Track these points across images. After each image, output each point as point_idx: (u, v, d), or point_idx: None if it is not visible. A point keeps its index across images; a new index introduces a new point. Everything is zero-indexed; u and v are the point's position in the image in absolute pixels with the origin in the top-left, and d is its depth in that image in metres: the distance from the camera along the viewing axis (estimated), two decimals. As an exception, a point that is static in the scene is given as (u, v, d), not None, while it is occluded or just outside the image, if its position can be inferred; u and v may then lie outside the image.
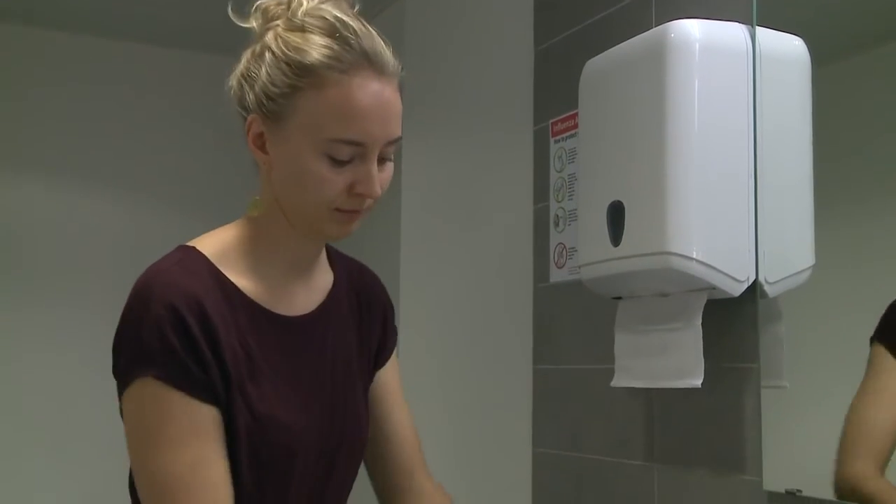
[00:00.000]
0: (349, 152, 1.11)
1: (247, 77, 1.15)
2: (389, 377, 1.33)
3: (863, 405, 1.39)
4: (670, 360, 1.59)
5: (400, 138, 1.15)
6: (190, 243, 1.18)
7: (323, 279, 1.26)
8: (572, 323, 2.05)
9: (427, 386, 2.30)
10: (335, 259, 1.30)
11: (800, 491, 1.45)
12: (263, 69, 1.12)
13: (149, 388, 1.07)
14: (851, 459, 1.39)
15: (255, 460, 1.13)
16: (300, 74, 1.10)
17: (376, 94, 1.11)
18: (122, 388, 1.11)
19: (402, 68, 1.16)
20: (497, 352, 2.30)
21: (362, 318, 1.29)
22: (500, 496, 2.21)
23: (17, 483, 2.85)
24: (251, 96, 1.14)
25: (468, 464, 2.28)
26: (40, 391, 2.92)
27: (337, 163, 1.11)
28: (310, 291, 1.22)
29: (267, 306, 1.17)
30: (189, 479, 1.07)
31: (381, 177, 1.14)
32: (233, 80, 1.18)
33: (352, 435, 1.25)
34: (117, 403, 1.12)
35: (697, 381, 1.53)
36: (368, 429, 1.28)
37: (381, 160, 1.14)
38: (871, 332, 1.38)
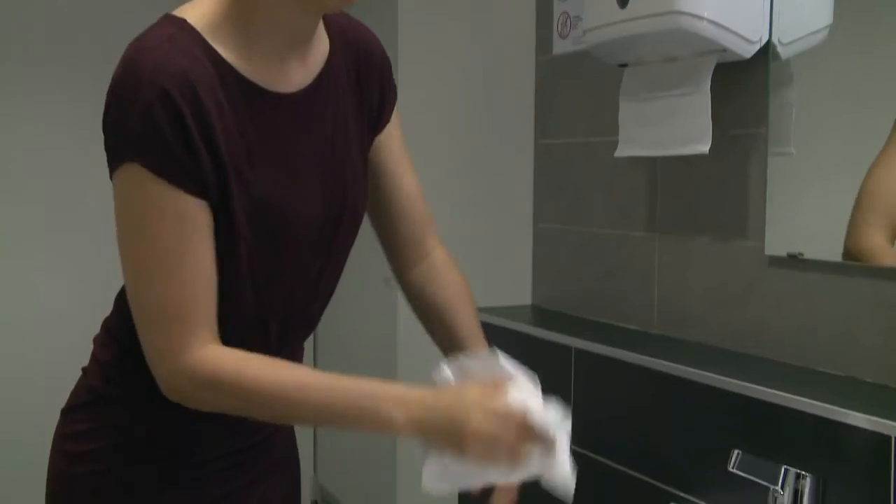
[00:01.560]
0: None
1: None
2: (393, 141, 1.30)
3: (881, 173, 1.36)
4: (677, 127, 1.56)
5: None
6: (178, 13, 1.10)
7: (319, 50, 1.20)
8: (575, 95, 2.01)
9: (426, 163, 2.28)
10: (330, 22, 1.24)
11: (801, 254, 1.46)
12: None
13: (136, 175, 1.04)
14: (863, 227, 1.38)
15: (255, 245, 1.12)
16: None
17: None
18: (111, 167, 1.08)
19: None
20: (498, 127, 2.27)
21: (360, 82, 1.24)
22: (500, 272, 2.24)
23: (14, 266, 2.88)
24: None
25: (469, 241, 2.30)
26: (36, 171, 2.90)
27: None
28: (306, 65, 1.17)
29: (262, 84, 1.12)
30: (172, 267, 1.05)
31: None
32: None
33: (350, 213, 1.23)
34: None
35: (705, 147, 1.51)
36: (366, 204, 1.26)
37: None
38: (888, 98, 1.34)
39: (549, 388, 1.13)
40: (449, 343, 1.27)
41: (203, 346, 1.07)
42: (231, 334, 1.11)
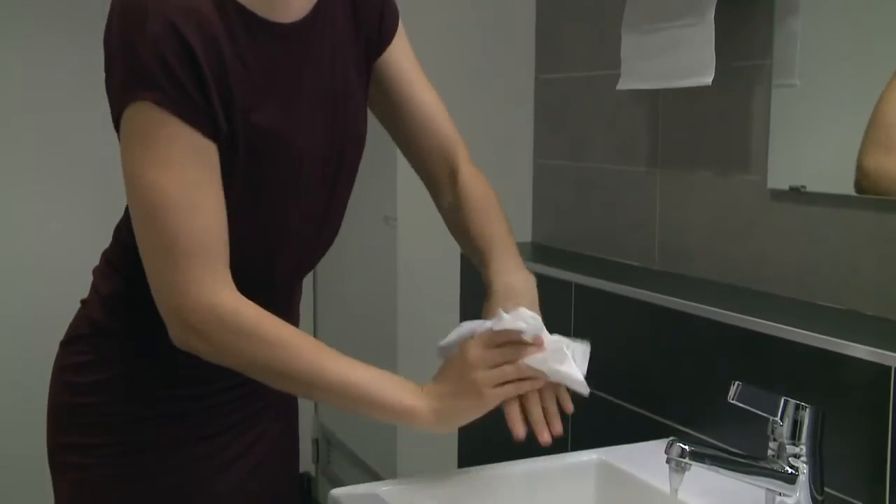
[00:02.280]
0: None
1: None
2: (402, 60, 1.26)
3: (893, 97, 1.33)
4: (680, 59, 1.54)
5: None
6: None
7: None
8: (576, 29, 1.98)
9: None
10: None
11: (804, 187, 1.44)
12: None
13: (147, 113, 1.02)
14: (871, 148, 1.35)
15: (260, 179, 1.10)
16: None
17: None
18: (117, 110, 1.05)
19: None
20: (498, 62, 2.24)
21: (357, 9, 1.21)
22: (500, 208, 2.23)
23: (9, 198, 2.87)
24: None
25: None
26: (31, 104, 2.87)
27: None
28: None
29: (263, 14, 1.09)
30: (180, 200, 1.03)
31: None
32: None
33: (353, 146, 1.21)
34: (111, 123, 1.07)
35: (708, 79, 1.49)
36: (366, 134, 1.25)
37: None
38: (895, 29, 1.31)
39: (550, 324, 1.13)
40: (478, 259, 1.24)
41: (223, 286, 1.05)
42: (234, 273, 1.09)
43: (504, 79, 2.21)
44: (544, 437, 1.09)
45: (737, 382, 1.11)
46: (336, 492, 1.20)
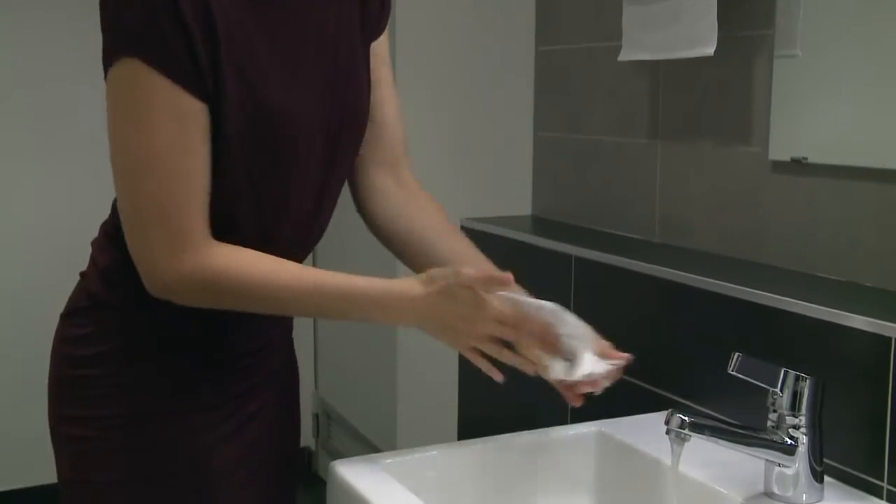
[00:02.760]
0: None
1: None
2: (379, 54, 1.25)
3: None
4: (682, 29, 1.53)
5: None
6: None
7: None
8: (576, 0, 1.96)
9: (423, 72, 2.25)
10: None
11: (805, 158, 1.43)
12: None
13: (134, 70, 1.01)
14: None
15: (258, 149, 1.09)
16: None
17: None
18: (107, 64, 1.04)
19: None
20: (498, 34, 2.22)
21: None
22: (500, 182, 2.22)
23: (8, 171, 2.86)
24: None
25: (468, 150, 2.27)
26: (28, 75, 2.85)
27: None
28: None
29: None
30: (164, 162, 1.03)
31: None
32: None
33: (355, 120, 1.20)
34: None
35: (710, 49, 1.48)
36: (369, 107, 1.23)
37: None
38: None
39: (549, 297, 1.13)
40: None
41: (201, 246, 1.05)
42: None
43: (504, 51, 2.20)
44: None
45: (736, 354, 1.11)
46: (336, 463, 1.20)
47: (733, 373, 1.10)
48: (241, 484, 1.23)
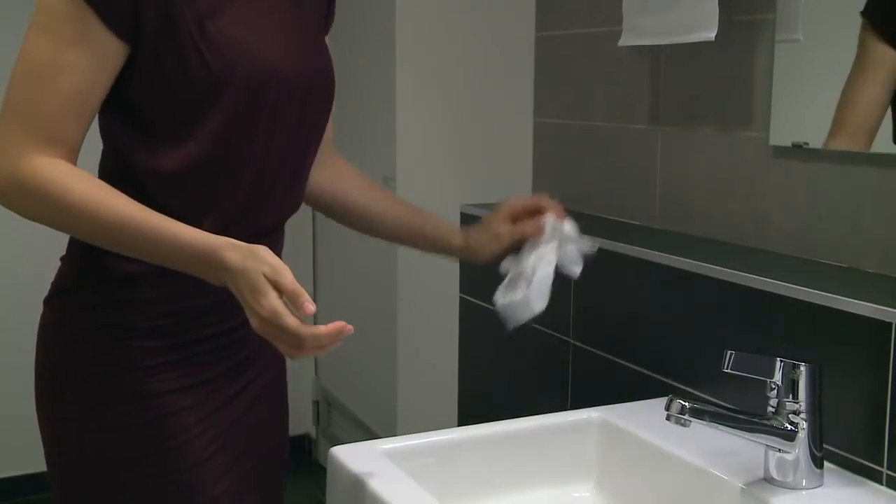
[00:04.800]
0: None
1: None
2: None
3: (852, 81, 1.34)
4: (682, 13, 1.52)
5: None
6: None
7: None
8: (577, -15, 1.95)
9: (424, 57, 2.24)
10: None
11: (807, 143, 1.43)
12: None
13: None
14: (840, 133, 1.37)
15: (228, 104, 1.10)
16: None
17: None
18: None
19: None
20: (498, 20, 2.21)
21: None
22: (500, 168, 2.22)
23: None
24: None
25: (468, 137, 2.27)
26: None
27: None
28: None
29: None
30: (38, 68, 1.06)
31: None
32: None
33: (320, 79, 1.21)
34: None
35: (711, 34, 1.47)
36: (334, 79, 1.25)
37: None
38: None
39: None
40: (412, 228, 1.38)
41: (45, 157, 1.06)
42: (210, 211, 1.11)
43: (504, 36, 2.19)
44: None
45: (729, 352, 1.10)
46: (336, 449, 1.20)
47: (728, 371, 1.10)
48: (223, 467, 1.22)
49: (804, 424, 1.11)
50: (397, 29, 2.21)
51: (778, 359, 1.12)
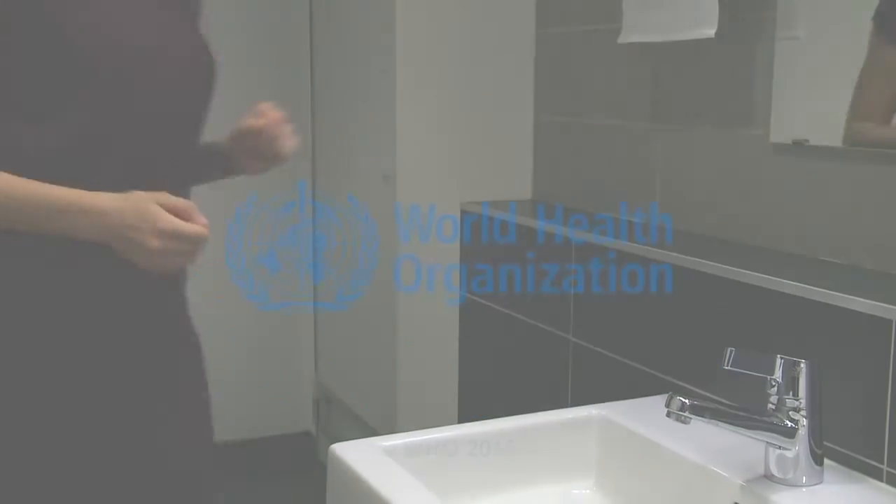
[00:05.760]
0: None
1: None
2: None
3: (865, 77, 1.34)
4: (682, 10, 1.52)
5: None
6: None
7: None
8: (577, -18, 1.95)
9: (424, 54, 2.24)
10: None
11: (807, 140, 1.43)
12: None
13: None
14: (859, 117, 1.36)
15: (93, 87, 1.09)
16: None
17: None
18: None
19: None
20: (498, 17, 2.21)
21: None
22: (501, 165, 2.21)
23: None
24: None
25: (469, 134, 2.27)
26: None
27: None
28: None
29: None
30: None
31: None
32: None
33: (196, 60, 1.21)
34: None
35: (711, 31, 1.47)
36: (213, 66, 1.23)
37: None
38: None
39: (549, 281, 1.12)
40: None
41: None
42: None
43: (504, 33, 2.19)
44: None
45: (729, 349, 1.10)
46: (336, 447, 1.20)
47: (728, 368, 1.10)
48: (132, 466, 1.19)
49: (804, 421, 1.11)
50: (397, 26, 2.21)
51: (778, 356, 1.12)
